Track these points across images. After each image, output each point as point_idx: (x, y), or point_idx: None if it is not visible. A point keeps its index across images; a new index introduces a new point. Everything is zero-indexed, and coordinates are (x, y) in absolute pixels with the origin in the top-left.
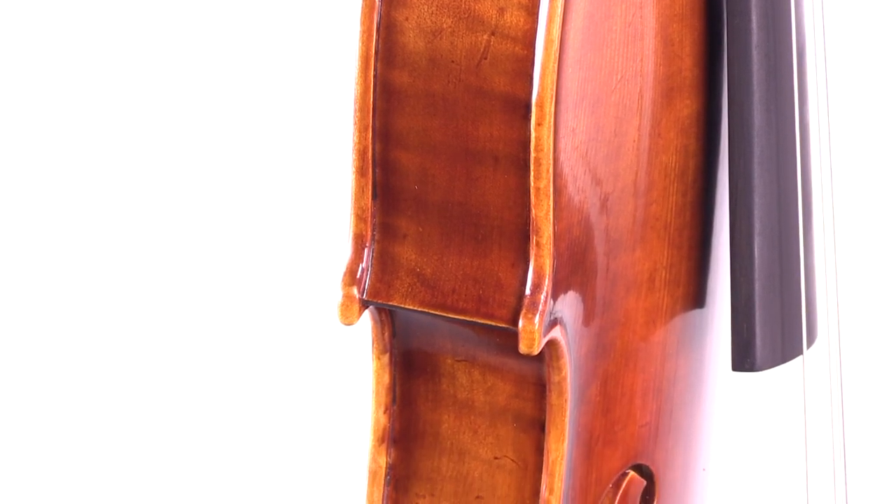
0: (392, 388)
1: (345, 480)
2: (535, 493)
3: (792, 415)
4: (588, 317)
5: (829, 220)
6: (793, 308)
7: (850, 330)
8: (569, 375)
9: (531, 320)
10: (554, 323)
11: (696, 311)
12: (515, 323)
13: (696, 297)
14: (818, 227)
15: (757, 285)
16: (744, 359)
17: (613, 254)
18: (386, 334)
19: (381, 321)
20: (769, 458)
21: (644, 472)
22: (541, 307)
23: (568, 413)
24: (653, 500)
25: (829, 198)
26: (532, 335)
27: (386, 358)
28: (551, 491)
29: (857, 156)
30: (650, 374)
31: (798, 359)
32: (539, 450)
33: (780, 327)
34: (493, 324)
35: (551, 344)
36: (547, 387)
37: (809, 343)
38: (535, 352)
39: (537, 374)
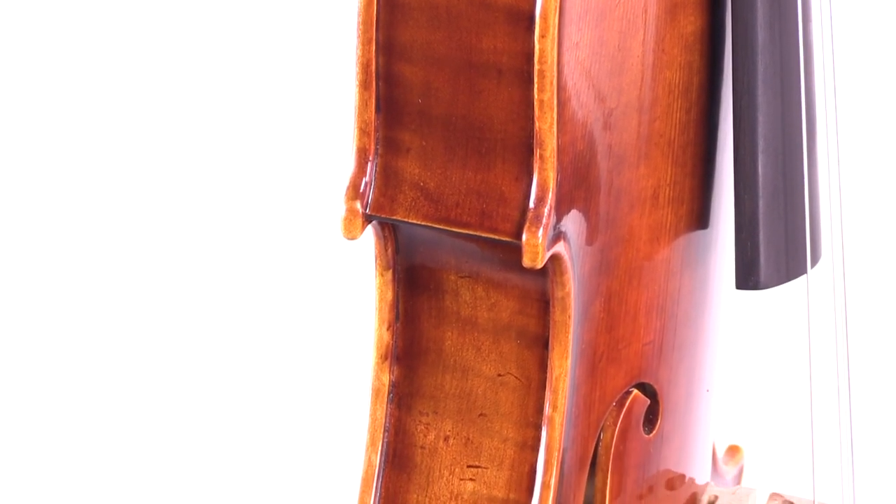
0: (395, 305)
1: (349, 400)
2: (539, 410)
3: (796, 335)
4: (592, 233)
5: (833, 138)
6: (797, 226)
7: (853, 250)
8: (572, 291)
9: (535, 234)
10: (557, 237)
11: (701, 231)
12: (519, 236)
13: (700, 216)
14: (822, 146)
15: (761, 203)
16: (748, 277)
17: (617, 170)
18: (389, 250)
19: (385, 237)
20: (772, 378)
21: (648, 390)
22: (544, 220)
23: (571, 330)
24: (656, 420)
25: (832, 116)
26: (535, 249)
27: (389, 274)
28: (555, 408)
29: (861, 74)
30: (654, 292)
31: (802, 278)
32: (542, 367)
33: (783, 245)
34: (497, 237)
35: (555, 259)
36: (550, 303)
37: (813, 262)
38: (539, 265)
39: (541, 290)
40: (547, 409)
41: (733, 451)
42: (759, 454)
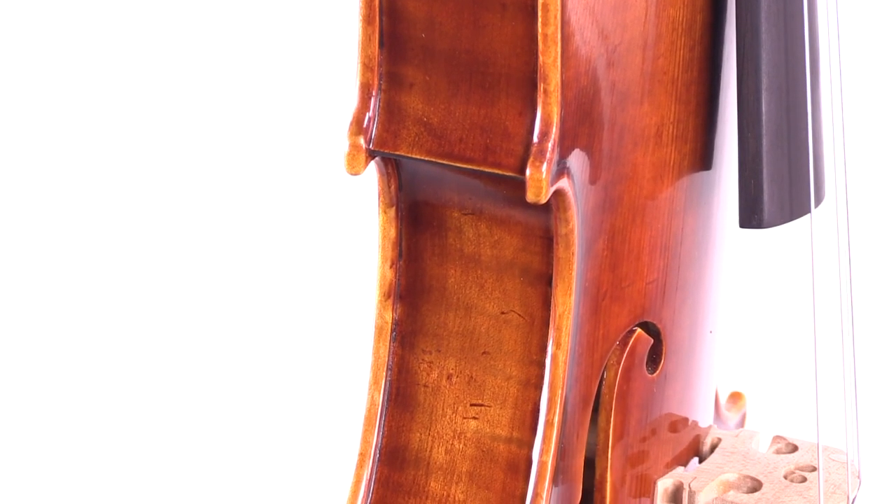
0: (398, 242)
1: (352, 338)
2: (542, 348)
3: (798, 277)
4: (595, 169)
5: (837, 77)
6: (800, 165)
7: (857, 191)
8: (576, 228)
9: (538, 168)
10: (561, 173)
11: (704, 171)
12: (523, 171)
13: (704, 155)
14: (825, 85)
15: (764, 141)
16: (751, 215)
17: (621, 106)
18: (392, 187)
19: (388, 173)
20: (775, 321)
21: (651, 330)
22: (548, 155)
23: (575, 267)
24: (660, 360)
25: (836, 54)
26: (539, 183)
27: (392, 212)
28: (558, 345)
29: (865, 11)
30: (657, 231)
31: (805, 218)
32: (546, 304)
33: (787, 184)
34: (501, 172)
35: (558, 194)
36: (554, 240)
37: (817, 202)
38: (543, 200)
39: (544, 226)
40: (550, 347)
41: (736, 397)
42: (761, 400)
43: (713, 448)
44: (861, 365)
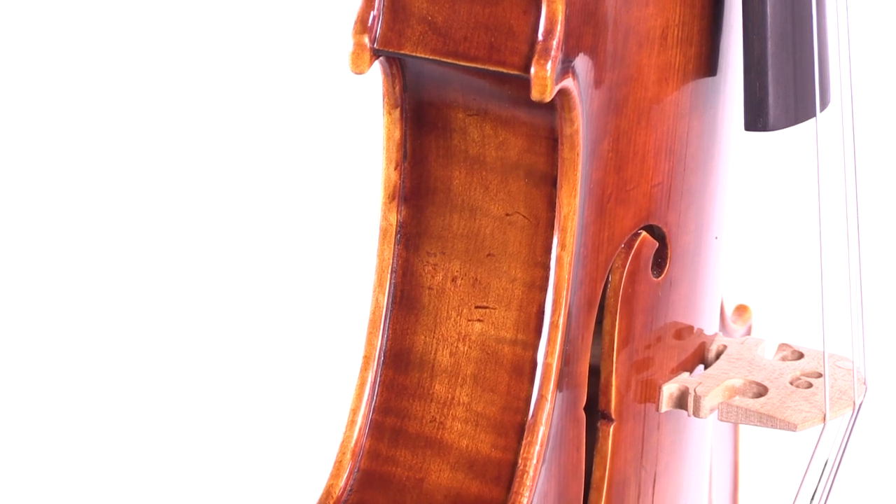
0: (403, 144)
1: (357, 240)
2: (547, 250)
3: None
4: (600, 70)
5: None
6: (805, 68)
7: (863, 95)
8: (581, 128)
9: (543, 66)
10: (566, 72)
11: (710, 76)
12: (527, 69)
13: (709, 59)
14: None
15: (769, 44)
16: (756, 118)
17: (626, 7)
18: (397, 88)
19: (392, 74)
20: (780, 229)
21: (656, 234)
22: (553, 53)
23: (580, 167)
24: (665, 264)
25: None
26: (544, 81)
27: (397, 113)
28: (563, 247)
29: None
30: (662, 134)
31: (811, 122)
32: (551, 206)
33: (792, 87)
34: (505, 70)
35: (563, 93)
36: (559, 140)
37: (823, 106)
38: (548, 98)
39: (549, 126)
40: (555, 249)
41: (742, 310)
42: (767, 311)
43: (718, 355)
44: (867, 272)
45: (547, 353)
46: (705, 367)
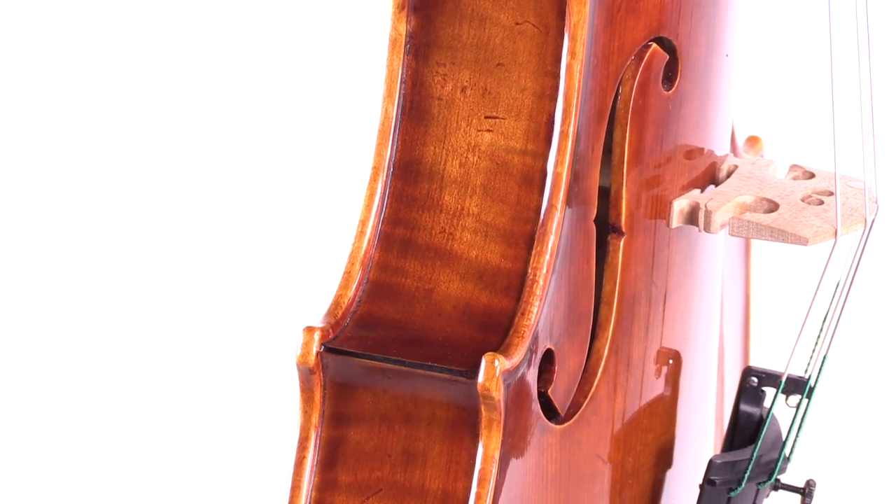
0: None
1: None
2: (557, 58)
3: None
4: None
5: None
6: None
7: None
8: None
9: None
10: None
11: None
12: None
13: None
14: None
15: None
16: None
17: None
18: None
19: None
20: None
21: (667, 46)
22: None
23: None
24: (675, 77)
25: None
26: None
27: None
28: (573, 55)
29: None
30: None
31: None
32: (561, 14)
33: None
34: None
35: None
36: None
37: None
38: None
39: None
40: (565, 57)
41: (753, 140)
42: (779, 137)
43: (729, 174)
44: (878, 94)
45: (557, 163)
46: (716, 187)
